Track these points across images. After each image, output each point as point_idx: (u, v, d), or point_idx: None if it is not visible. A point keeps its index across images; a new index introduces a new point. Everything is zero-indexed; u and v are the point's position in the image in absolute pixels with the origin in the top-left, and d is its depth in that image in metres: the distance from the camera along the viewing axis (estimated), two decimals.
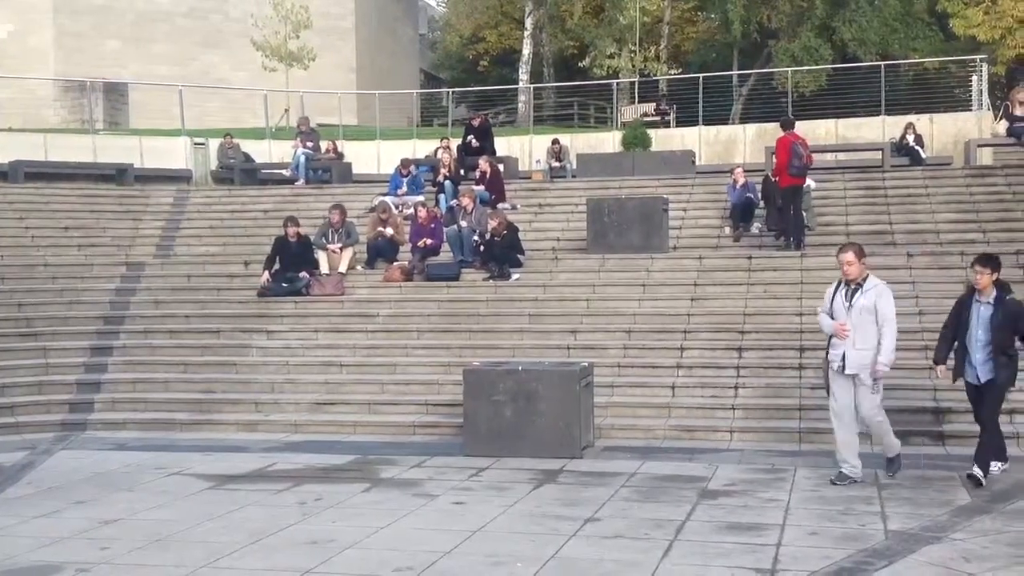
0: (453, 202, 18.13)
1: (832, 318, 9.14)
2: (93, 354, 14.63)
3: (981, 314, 9.01)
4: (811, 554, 7.03)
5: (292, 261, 15.86)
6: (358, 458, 10.78)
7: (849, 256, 9.02)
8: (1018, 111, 19.14)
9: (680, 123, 29.22)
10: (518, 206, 18.92)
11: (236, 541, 7.60)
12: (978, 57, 27.59)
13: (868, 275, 9.11)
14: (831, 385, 9.20)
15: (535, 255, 16.59)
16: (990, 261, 9.05)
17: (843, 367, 9.02)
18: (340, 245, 16.26)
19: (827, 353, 9.28)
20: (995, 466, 9.23)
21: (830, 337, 9.21)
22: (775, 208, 16.59)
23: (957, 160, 21.20)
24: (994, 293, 8.97)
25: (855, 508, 8.28)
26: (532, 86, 36.70)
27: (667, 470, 9.90)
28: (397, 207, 18.56)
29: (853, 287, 9.04)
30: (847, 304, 9.02)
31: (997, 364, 8.95)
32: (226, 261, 17.66)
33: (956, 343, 9.22)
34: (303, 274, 15.75)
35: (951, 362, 9.38)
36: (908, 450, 10.71)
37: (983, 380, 9.05)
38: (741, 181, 17.41)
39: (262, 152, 25.08)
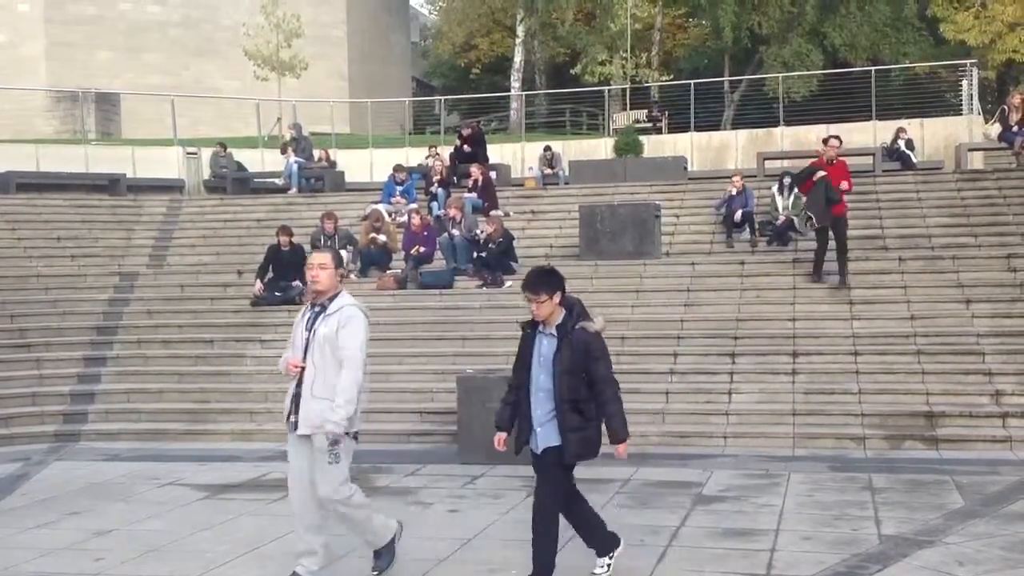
0: (439, 212, 18.15)
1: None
2: (87, 364, 14.62)
3: (543, 350, 6.24)
4: (805, 559, 7.04)
5: (285, 270, 15.86)
6: (352, 467, 10.73)
7: (323, 258, 6.47)
8: (1014, 116, 19.15)
9: (672, 129, 29.30)
10: (511, 213, 18.95)
11: (231, 551, 7.59)
12: (968, 61, 27.70)
13: (341, 292, 6.50)
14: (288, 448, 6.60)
15: (528, 262, 16.55)
16: (543, 284, 6.20)
17: (296, 423, 6.42)
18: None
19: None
20: (602, 565, 6.69)
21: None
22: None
23: (948, 164, 21.28)
24: (560, 319, 6.27)
25: (849, 513, 8.30)
26: (524, 93, 36.75)
27: (661, 476, 9.91)
28: (391, 214, 18.59)
29: (318, 309, 6.44)
30: (307, 333, 6.41)
31: (565, 425, 6.14)
32: (219, 270, 17.68)
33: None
34: (296, 283, 15.75)
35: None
36: (901, 454, 10.79)
37: (541, 447, 6.25)
38: (739, 188, 17.38)
39: (255, 161, 25.08)
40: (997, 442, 10.90)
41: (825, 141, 15.06)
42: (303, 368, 6.33)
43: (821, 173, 14.31)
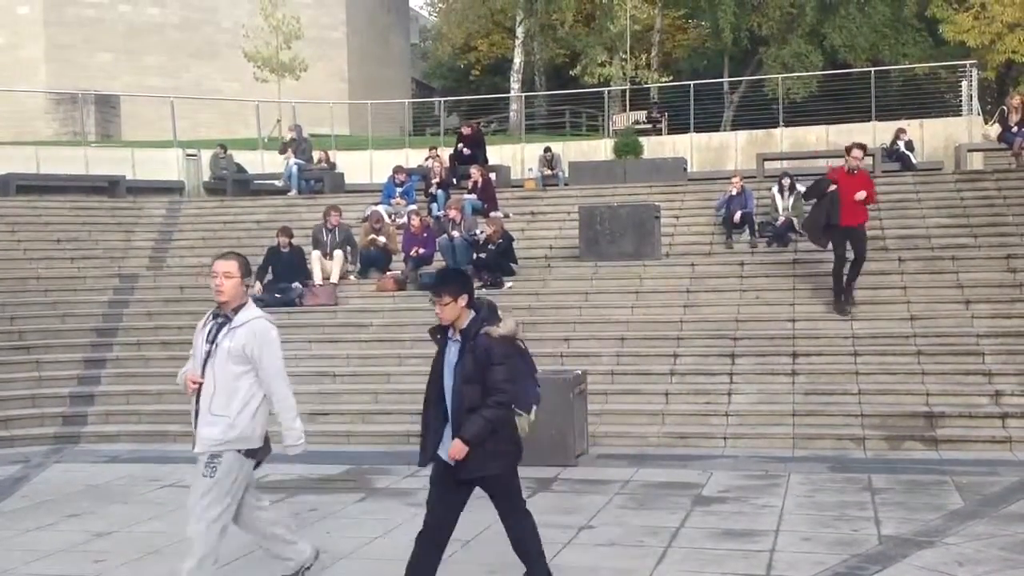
0: (439, 213, 18.15)
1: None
2: (86, 366, 14.61)
3: (450, 357, 5.96)
4: (805, 560, 7.04)
5: (284, 271, 15.87)
6: (352, 468, 10.78)
7: (227, 266, 5.93)
8: (1014, 117, 19.18)
9: (671, 130, 29.27)
10: (510, 215, 18.95)
11: (230, 552, 7.56)
12: (968, 62, 27.70)
13: (247, 303, 6.06)
14: None
15: (528, 263, 16.60)
16: (446, 285, 5.98)
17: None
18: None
19: None
20: None
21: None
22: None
23: (948, 165, 21.26)
24: (466, 323, 5.92)
25: (849, 513, 8.30)
26: (524, 95, 36.77)
27: (661, 477, 9.91)
28: (391, 216, 18.59)
29: (221, 320, 5.99)
30: (208, 345, 5.95)
31: (472, 424, 5.79)
32: None
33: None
34: (296, 284, 15.76)
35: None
36: (900, 455, 10.79)
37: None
38: (738, 189, 17.34)
39: (254, 163, 25.08)
40: (997, 443, 10.90)
41: (848, 150, 13.86)
42: (201, 384, 5.88)
43: (832, 187, 13.48)
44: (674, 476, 9.94)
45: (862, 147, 13.99)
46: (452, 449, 5.76)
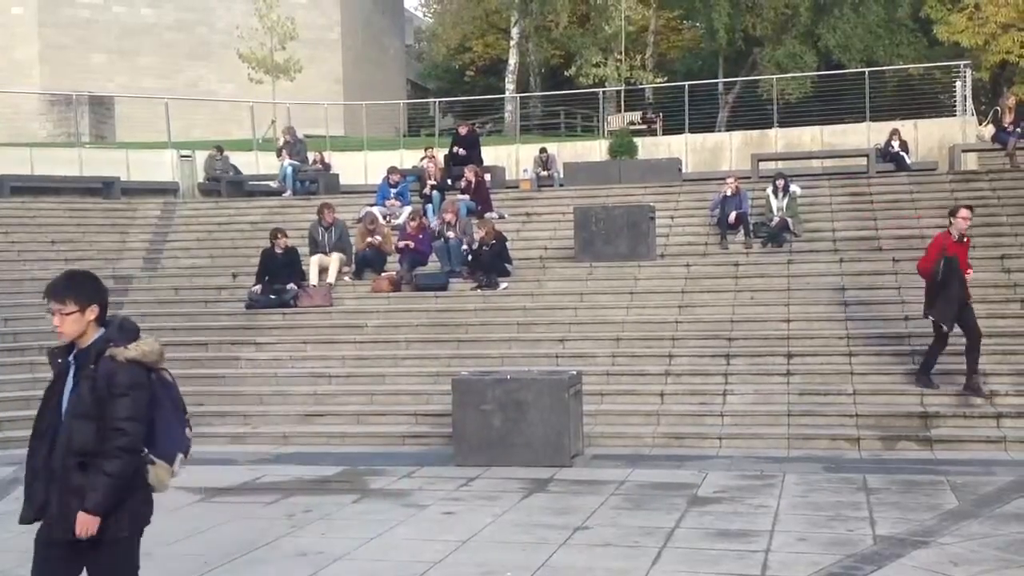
0: (437, 221, 18.13)
1: None
2: None
3: (69, 385, 4.66)
4: (800, 560, 7.04)
5: (279, 272, 15.85)
6: (347, 469, 10.76)
7: None
8: (1008, 117, 19.22)
9: (666, 131, 29.28)
10: (505, 215, 18.95)
11: (225, 554, 7.58)
12: (962, 63, 27.73)
13: None
14: None
15: (523, 264, 16.60)
16: (73, 289, 4.71)
17: None
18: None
19: None
20: None
21: None
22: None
23: (942, 165, 21.30)
24: (93, 339, 4.72)
25: (844, 514, 8.30)
26: (519, 95, 36.72)
27: (656, 478, 9.90)
28: (385, 217, 18.58)
29: None
30: None
31: (65, 485, 4.62)
32: (214, 273, 17.65)
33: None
34: (291, 285, 15.75)
35: None
36: (895, 455, 10.81)
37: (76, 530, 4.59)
38: (733, 190, 17.33)
39: (249, 164, 25.04)
40: (991, 442, 10.92)
41: (954, 212, 11.90)
42: None
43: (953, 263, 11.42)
44: (669, 476, 9.94)
45: (970, 207, 12.05)
46: (79, 526, 4.52)
